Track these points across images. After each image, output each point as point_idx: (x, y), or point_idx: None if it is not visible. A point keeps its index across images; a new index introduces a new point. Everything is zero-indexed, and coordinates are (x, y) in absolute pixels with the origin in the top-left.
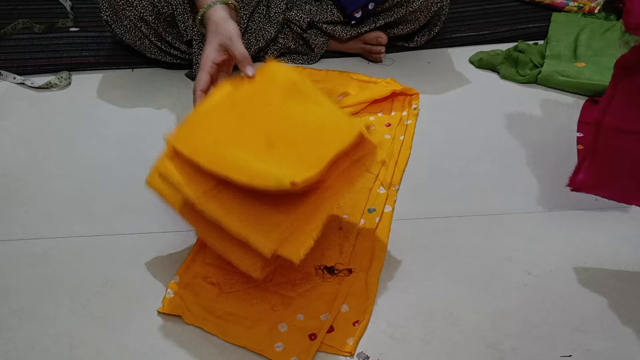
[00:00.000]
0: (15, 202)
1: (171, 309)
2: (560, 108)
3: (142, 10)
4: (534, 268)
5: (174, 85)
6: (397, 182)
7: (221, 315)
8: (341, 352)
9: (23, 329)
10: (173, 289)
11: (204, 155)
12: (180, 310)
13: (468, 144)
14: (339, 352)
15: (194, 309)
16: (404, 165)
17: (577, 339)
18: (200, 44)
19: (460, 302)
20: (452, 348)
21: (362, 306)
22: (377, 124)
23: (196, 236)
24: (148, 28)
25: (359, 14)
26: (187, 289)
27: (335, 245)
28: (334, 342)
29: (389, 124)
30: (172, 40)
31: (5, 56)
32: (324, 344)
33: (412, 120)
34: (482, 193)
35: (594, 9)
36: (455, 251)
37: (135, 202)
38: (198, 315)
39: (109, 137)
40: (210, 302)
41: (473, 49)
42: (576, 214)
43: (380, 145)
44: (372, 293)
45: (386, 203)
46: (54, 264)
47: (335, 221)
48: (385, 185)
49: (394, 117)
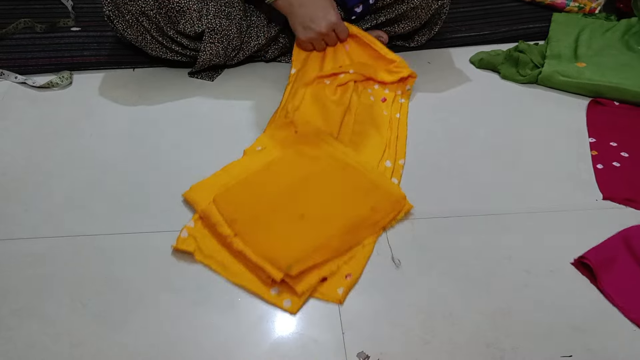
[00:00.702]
0: (15, 201)
1: (185, 246)
2: (560, 108)
3: (143, 5)
4: (534, 268)
5: (176, 85)
6: (402, 156)
7: (227, 257)
8: (332, 299)
9: (23, 328)
10: (188, 231)
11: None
12: (192, 248)
13: (468, 143)
14: (329, 299)
15: (204, 249)
16: (404, 140)
17: (577, 338)
18: (212, 34)
19: (460, 301)
20: (452, 347)
21: (356, 262)
22: (374, 95)
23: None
24: (150, 22)
25: (360, 8)
26: (200, 232)
27: None
28: (325, 290)
29: (384, 99)
30: (174, 35)
31: (7, 55)
32: (315, 291)
33: (405, 100)
34: (483, 193)
35: (595, 9)
36: (455, 251)
37: (135, 202)
38: (207, 254)
39: (109, 137)
40: (219, 245)
41: (473, 49)
42: (576, 214)
43: (381, 120)
44: (368, 252)
45: (392, 176)
46: (54, 263)
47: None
48: (391, 159)
49: (389, 94)
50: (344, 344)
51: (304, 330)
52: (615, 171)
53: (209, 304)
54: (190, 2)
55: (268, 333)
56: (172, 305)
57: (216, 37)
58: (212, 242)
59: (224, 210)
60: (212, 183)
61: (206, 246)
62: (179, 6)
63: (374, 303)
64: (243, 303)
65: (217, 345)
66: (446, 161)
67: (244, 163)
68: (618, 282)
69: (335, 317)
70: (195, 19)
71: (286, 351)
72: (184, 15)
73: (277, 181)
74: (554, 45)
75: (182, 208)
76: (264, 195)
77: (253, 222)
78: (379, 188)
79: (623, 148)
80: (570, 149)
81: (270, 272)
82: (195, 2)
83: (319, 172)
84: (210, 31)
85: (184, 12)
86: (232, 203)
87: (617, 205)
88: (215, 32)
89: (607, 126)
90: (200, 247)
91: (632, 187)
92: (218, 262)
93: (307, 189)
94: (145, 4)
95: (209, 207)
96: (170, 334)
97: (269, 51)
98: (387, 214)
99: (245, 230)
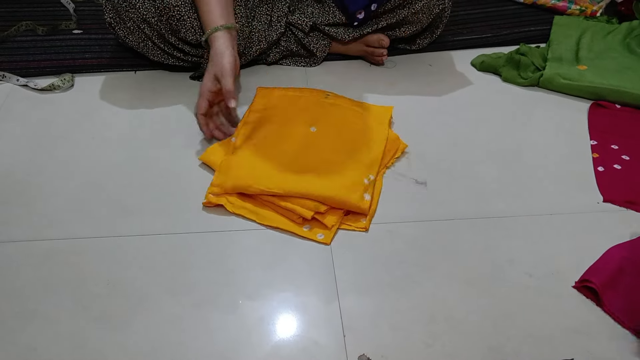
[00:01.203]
0: (17, 204)
1: (216, 201)
2: (562, 111)
3: (144, 13)
4: (536, 270)
5: (177, 87)
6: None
7: (257, 205)
8: (357, 228)
9: (25, 330)
10: (213, 191)
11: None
12: (223, 201)
13: (470, 146)
14: (356, 228)
15: (234, 201)
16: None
17: (578, 341)
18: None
19: (462, 304)
20: (453, 350)
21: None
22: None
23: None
24: (151, 30)
25: (362, 15)
26: (227, 191)
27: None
28: (351, 221)
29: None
30: (175, 42)
31: (9, 58)
32: (342, 223)
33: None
34: (484, 195)
35: (596, 12)
36: (457, 253)
37: (137, 204)
38: (237, 205)
39: (111, 139)
40: (247, 198)
41: (475, 51)
42: (577, 217)
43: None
44: (379, 186)
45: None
46: (56, 265)
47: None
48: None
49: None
50: (345, 347)
51: (305, 333)
52: (616, 174)
53: (210, 306)
54: (190, 10)
55: (269, 335)
56: (173, 308)
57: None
58: (239, 197)
59: (245, 174)
60: (225, 143)
61: (235, 199)
62: (179, 14)
63: (375, 305)
64: (244, 305)
65: (218, 347)
66: (447, 164)
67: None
68: (623, 302)
69: (336, 320)
70: (196, 27)
71: (287, 353)
72: (185, 24)
73: (285, 134)
74: (556, 48)
75: (183, 210)
76: (277, 154)
77: (273, 177)
78: (372, 129)
79: (624, 151)
80: (572, 151)
81: (301, 213)
82: (195, 11)
83: (321, 116)
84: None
85: (184, 20)
86: (249, 166)
87: (618, 208)
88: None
89: (609, 129)
90: (230, 201)
91: (632, 190)
92: (249, 210)
93: (314, 138)
94: (146, 12)
95: (231, 177)
96: (171, 336)
97: (270, 54)
98: (386, 153)
99: (269, 184)
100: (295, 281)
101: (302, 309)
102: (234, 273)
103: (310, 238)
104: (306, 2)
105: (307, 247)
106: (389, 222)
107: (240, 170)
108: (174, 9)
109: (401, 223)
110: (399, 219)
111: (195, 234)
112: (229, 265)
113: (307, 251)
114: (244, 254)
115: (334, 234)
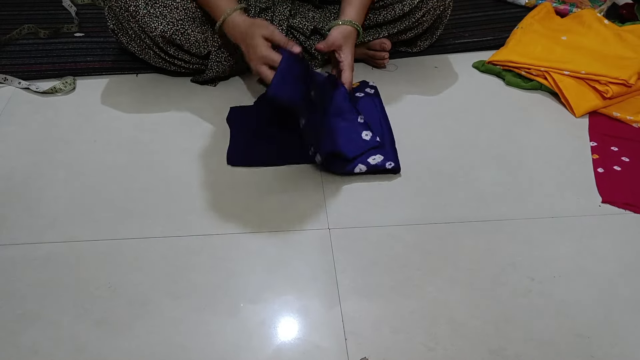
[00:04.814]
0: (19, 207)
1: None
2: (565, 115)
3: (144, 25)
4: (538, 274)
5: (179, 91)
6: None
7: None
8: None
9: (26, 333)
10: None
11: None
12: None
13: (472, 149)
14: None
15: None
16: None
17: (580, 345)
18: (218, 52)
19: (463, 308)
20: (455, 354)
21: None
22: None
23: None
24: (151, 41)
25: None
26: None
27: None
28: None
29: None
30: (175, 53)
31: (11, 61)
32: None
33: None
34: (486, 199)
35: None
36: (458, 257)
37: (138, 207)
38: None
39: (113, 142)
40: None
41: (477, 54)
42: (579, 220)
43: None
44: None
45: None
46: (58, 268)
47: None
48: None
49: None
50: (347, 350)
51: (307, 336)
52: (616, 175)
53: (211, 309)
54: (192, 26)
55: (270, 339)
56: (174, 311)
57: (223, 57)
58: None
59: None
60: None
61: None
62: (182, 28)
63: (377, 309)
64: (245, 309)
65: (219, 350)
66: (449, 167)
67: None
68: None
69: (337, 323)
70: (200, 40)
71: (288, 357)
72: (189, 39)
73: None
74: None
75: (184, 213)
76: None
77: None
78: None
79: (624, 153)
80: (572, 153)
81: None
82: (198, 25)
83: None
84: (216, 50)
85: (188, 35)
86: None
87: (619, 210)
88: (222, 51)
89: (608, 130)
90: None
91: (632, 192)
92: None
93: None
94: (145, 25)
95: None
96: (172, 340)
97: None
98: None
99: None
100: (296, 285)
101: (303, 312)
102: (235, 276)
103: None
104: (307, 7)
105: (308, 251)
106: (391, 226)
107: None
108: (178, 24)
109: (402, 227)
110: (400, 222)
111: (197, 237)
112: (230, 268)
113: (308, 254)
114: (245, 258)
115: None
